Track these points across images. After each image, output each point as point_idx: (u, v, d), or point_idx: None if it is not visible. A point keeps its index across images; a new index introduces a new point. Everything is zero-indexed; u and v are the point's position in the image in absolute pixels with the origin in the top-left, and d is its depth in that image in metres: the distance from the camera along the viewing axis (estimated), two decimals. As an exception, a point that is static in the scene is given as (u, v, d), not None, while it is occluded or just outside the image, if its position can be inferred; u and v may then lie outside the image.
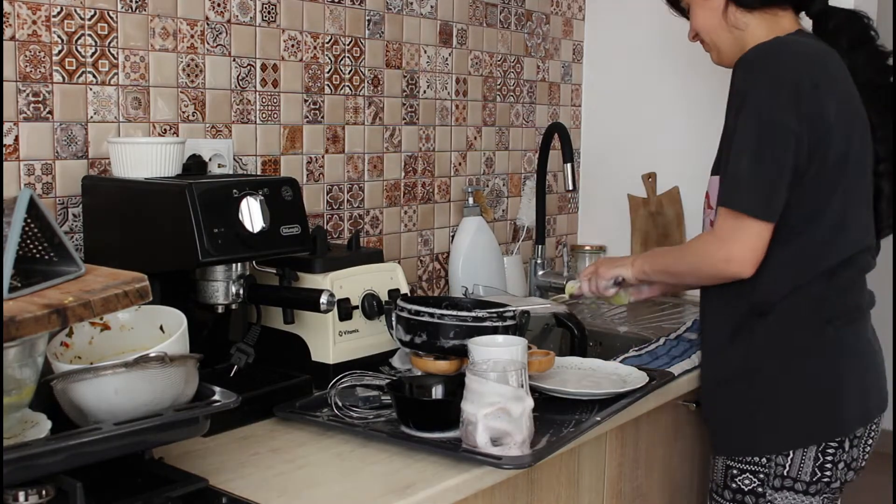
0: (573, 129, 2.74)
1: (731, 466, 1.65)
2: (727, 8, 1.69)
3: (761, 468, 1.62)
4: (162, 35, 1.70)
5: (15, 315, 0.96)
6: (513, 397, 1.27)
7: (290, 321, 1.61)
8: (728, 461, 1.66)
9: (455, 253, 2.30)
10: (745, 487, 1.63)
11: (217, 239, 1.39)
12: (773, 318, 1.60)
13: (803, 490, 1.59)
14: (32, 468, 1.01)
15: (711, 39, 1.74)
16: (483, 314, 1.56)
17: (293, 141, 1.96)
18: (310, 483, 1.25)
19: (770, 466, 1.61)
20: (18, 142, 1.53)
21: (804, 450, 1.59)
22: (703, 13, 1.73)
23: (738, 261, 1.54)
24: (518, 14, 2.54)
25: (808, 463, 1.59)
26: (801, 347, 1.60)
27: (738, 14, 1.69)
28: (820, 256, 1.58)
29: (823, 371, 1.60)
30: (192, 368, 1.21)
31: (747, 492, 1.63)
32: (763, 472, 1.62)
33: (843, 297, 1.62)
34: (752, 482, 1.62)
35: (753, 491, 1.62)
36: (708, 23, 1.73)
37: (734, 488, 1.65)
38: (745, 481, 1.63)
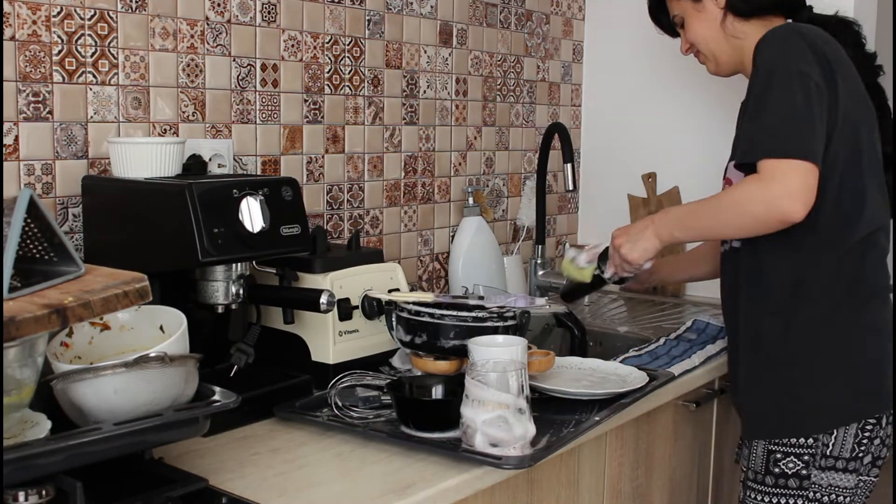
0: (573, 129, 2.74)
1: (774, 451, 1.64)
2: (725, 18, 1.72)
3: (806, 449, 1.61)
4: (162, 35, 1.70)
5: (15, 315, 0.96)
6: (512, 405, 1.27)
7: (290, 321, 1.61)
8: (770, 446, 1.64)
9: (455, 253, 2.30)
10: (790, 471, 1.62)
11: (217, 239, 1.39)
12: (811, 300, 1.61)
13: (843, 468, 1.61)
14: (32, 468, 1.01)
15: (710, 50, 1.77)
16: (483, 314, 1.56)
17: (293, 141, 1.96)
18: (310, 483, 1.25)
19: (816, 447, 1.61)
20: (18, 142, 1.53)
21: (846, 427, 1.60)
22: (700, 25, 1.75)
23: (791, 196, 1.45)
24: (518, 14, 2.54)
25: (850, 440, 1.60)
26: (841, 327, 1.61)
27: (736, 23, 1.72)
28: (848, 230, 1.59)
29: (864, 348, 1.62)
30: (192, 368, 1.21)
31: (791, 475, 1.62)
32: (808, 454, 1.61)
33: (874, 278, 1.64)
34: (797, 465, 1.62)
35: (797, 473, 1.62)
36: (706, 34, 1.75)
37: (777, 473, 1.63)
38: (790, 464, 1.63)
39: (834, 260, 1.60)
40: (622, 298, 2.58)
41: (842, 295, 1.61)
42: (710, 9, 1.74)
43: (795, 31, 1.58)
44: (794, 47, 1.54)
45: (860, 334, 1.62)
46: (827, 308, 1.61)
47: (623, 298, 2.58)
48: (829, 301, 1.61)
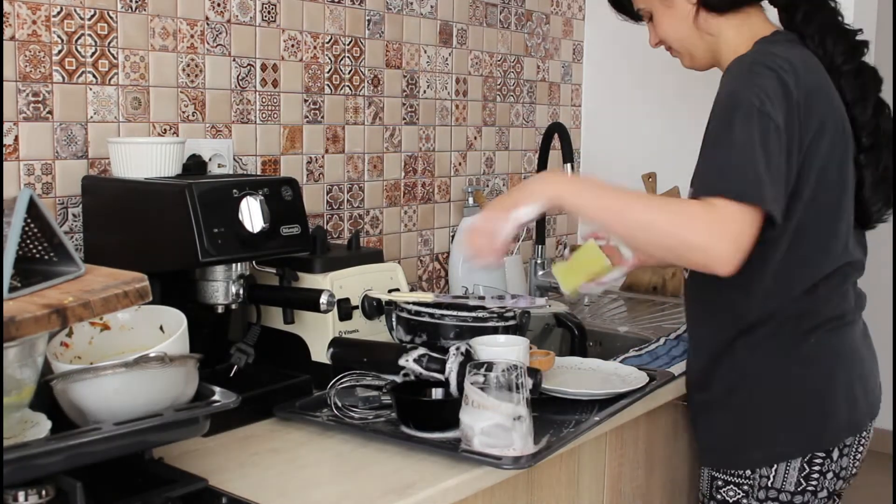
0: (573, 129, 2.74)
1: (716, 478, 1.63)
2: (698, 14, 1.62)
3: (745, 480, 1.59)
4: (162, 35, 1.70)
5: (15, 315, 0.96)
6: (512, 414, 1.27)
7: (290, 321, 1.61)
8: (713, 472, 1.64)
9: (455, 253, 2.30)
10: (730, 499, 1.61)
11: (217, 239, 1.39)
12: (754, 335, 1.56)
13: (787, 500, 1.56)
14: (32, 468, 1.01)
15: (684, 46, 1.67)
16: (484, 314, 1.56)
17: (293, 141, 1.96)
18: (310, 483, 1.25)
19: (754, 479, 1.58)
20: (18, 142, 1.53)
21: (787, 463, 1.56)
22: (670, 21, 1.65)
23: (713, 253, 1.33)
24: (518, 14, 2.54)
25: (793, 474, 1.56)
26: (783, 361, 1.56)
27: (709, 19, 1.61)
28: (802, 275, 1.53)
29: (807, 383, 1.56)
30: (192, 368, 1.21)
31: (732, 503, 1.61)
32: (747, 485, 1.59)
33: (823, 309, 1.56)
34: (737, 494, 1.60)
35: (738, 502, 1.60)
36: (678, 31, 1.65)
37: (719, 499, 1.63)
38: (730, 493, 1.61)
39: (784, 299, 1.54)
40: (622, 298, 2.58)
41: (786, 329, 1.55)
42: (679, 5, 1.62)
43: (762, 63, 1.46)
44: (760, 83, 1.43)
45: (801, 367, 1.55)
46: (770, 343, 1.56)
47: (623, 298, 2.58)
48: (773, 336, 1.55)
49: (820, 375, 1.56)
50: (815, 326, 1.55)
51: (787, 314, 1.55)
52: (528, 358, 1.49)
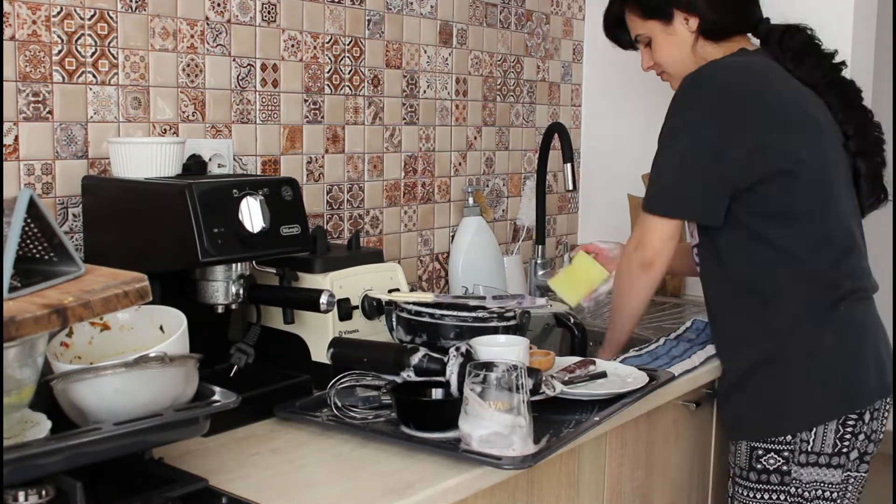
0: (573, 129, 2.74)
1: (756, 448, 1.68)
2: (696, 41, 1.78)
3: (786, 446, 1.65)
4: (162, 35, 1.70)
5: (15, 315, 0.96)
6: (511, 424, 1.27)
7: (290, 321, 1.61)
8: (752, 443, 1.69)
9: (455, 253, 2.30)
10: (771, 467, 1.67)
11: (217, 239, 1.39)
12: (786, 303, 1.66)
13: (826, 463, 1.64)
14: (32, 468, 1.01)
15: (678, 71, 1.82)
16: (484, 314, 1.56)
17: (293, 141, 1.96)
18: (310, 483, 1.25)
19: (795, 443, 1.65)
20: (18, 142, 1.53)
21: (825, 425, 1.63)
22: (669, 48, 1.81)
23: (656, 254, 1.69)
24: (518, 14, 2.54)
25: (830, 436, 1.63)
26: (817, 327, 1.65)
27: (706, 46, 1.79)
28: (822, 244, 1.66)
29: (841, 346, 1.65)
30: (192, 368, 1.21)
31: (773, 471, 1.67)
32: (788, 450, 1.65)
33: (850, 281, 1.68)
34: (778, 461, 1.66)
35: (779, 469, 1.66)
36: (676, 56, 1.81)
37: (759, 469, 1.68)
38: (770, 461, 1.67)
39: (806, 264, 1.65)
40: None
41: (817, 297, 1.65)
42: (680, 32, 1.78)
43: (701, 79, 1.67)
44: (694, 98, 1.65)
45: (833, 334, 1.65)
46: (802, 311, 1.65)
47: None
48: (805, 304, 1.65)
49: (851, 341, 1.67)
50: (841, 297, 1.66)
51: (816, 284, 1.66)
52: (528, 358, 1.49)
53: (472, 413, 1.28)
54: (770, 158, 1.63)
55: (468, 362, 1.35)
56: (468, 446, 1.29)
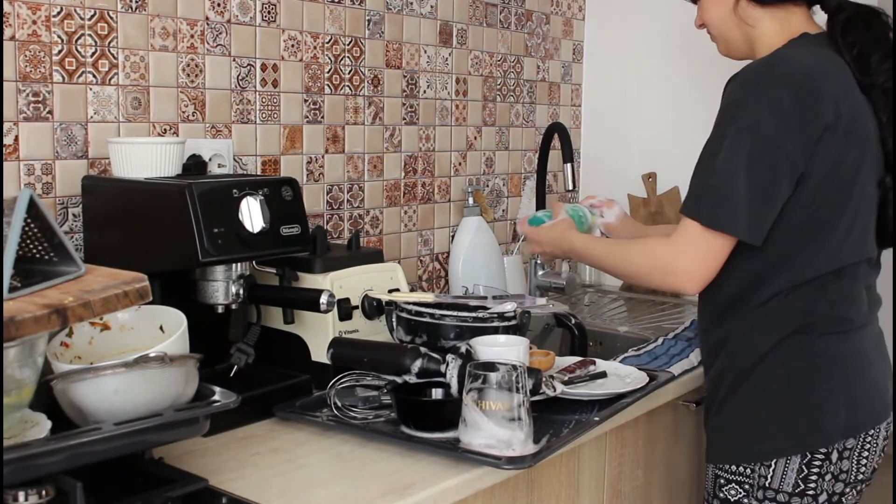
0: (573, 129, 2.74)
1: (719, 476, 1.63)
2: (738, 2, 1.62)
3: (745, 479, 1.59)
4: (162, 35, 1.70)
5: (15, 315, 0.96)
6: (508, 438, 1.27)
7: (290, 321, 1.61)
8: (716, 470, 1.64)
9: (455, 253, 2.30)
10: (731, 498, 1.61)
11: (217, 239, 1.39)
12: (755, 327, 1.57)
13: (785, 501, 1.55)
14: (32, 468, 1.01)
15: (720, 33, 1.68)
16: (484, 314, 1.56)
17: (293, 141, 1.96)
18: (310, 483, 1.25)
19: (753, 477, 1.58)
20: (18, 142, 1.53)
21: (787, 461, 1.55)
22: (713, 6, 1.66)
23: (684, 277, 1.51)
24: (518, 14, 2.54)
25: (791, 474, 1.55)
26: (782, 354, 1.55)
27: (749, 9, 1.61)
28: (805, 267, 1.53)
29: (804, 380, 1.55)
30: (192, 368, 1.21)
31: (733, 502, 1.60)
32: (748, 483, 1.59)
33: (830, 308, 1.55)
34: (738, 493, 1.60)
35: (739, 502, 1.60)
36: (718, 15, 1.66)
37: (721, 498, 1.63)
38: (731, 491, 1.61)
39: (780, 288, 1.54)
40: (622, 298, 2.58)
41: (787, 323, 1.55)
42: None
43: (769, 74, 1.49)
44: (760, 96, 1.46)
45: (800, 367, 1.55)
46: (773, 338, 1.55)
47: (623, 298, 2.58)
48: (773, 329, 1.55)
49: (817, 374, 1.55)
50: (815, 325, 1.54)
51: (789, 307, 1.54)
52: (528, 358, 1.49)
53: (472, 423, 1.28)
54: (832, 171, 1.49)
55: (468, 362, 1.35)
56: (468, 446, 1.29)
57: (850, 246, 1.54)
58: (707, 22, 1.70)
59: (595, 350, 2.14)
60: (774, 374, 1.56)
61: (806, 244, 1.52)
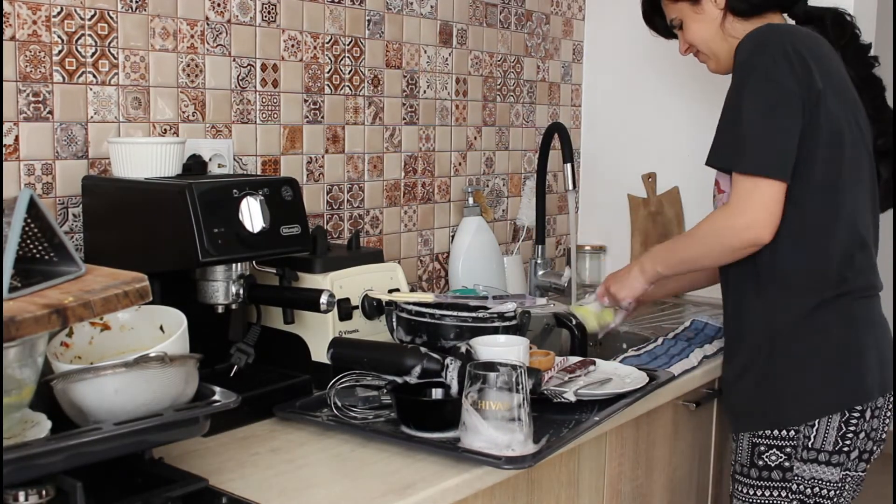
0: (573, 129, 2.74)
1: (758, 444, 1.67)
2: (724, 18, 1.75)
3: (788, 442, 1.64)
4: (162, 35, 1.70)
5: (15, 315, 0.96)
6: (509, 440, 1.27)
7: (290, 321, 1.61)
8: (754, 438, 1.68)
9: (455, 253, 2.30)
10: (772, 463, 1.65)
11: (217, 239, 1.39)
12: (792, 294, 1.64)
13: (826, 461, 1.62)
14: (32, 468, 1.01)
15: (710, 49, 1.80)
16: (484, 314, 1.56)
17: (293, 141, 1.96)
18: (310, 483, 1.25)
19: (797, 439, 1.63)
20: (18, 142, 1.53)
21: (828, 419, 1.62)
22: (699, 26, 1.78)
23: (756, 225, 1.56)
24: (518, 14, 2.54)
25: (832, 433, 1.62)
26: (820, 319, 1.63)
27: (735, 24, 1.75)
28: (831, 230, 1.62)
29: (844, 340, 1.64)
30: (192, 368, 1.21)
31: (774, 467, 1.65)
32: (790, 446, 1.64)
33: (859, 277, 1.65)
34: (779, 457, 1.65)
35: (780, 466, 1.65)
36: (706, 34, 1.78)
37: (761, 465, 1.67)
38: (772, 457, 1.65)
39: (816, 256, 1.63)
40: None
41: (823, 290, 1.63)
42: (709, 10, 1.76)
43: (772, 33, 1.62)
44: (769, 51, 1.57)
45: (840, 328, 1.64)
46: (809, 302, 1.63)
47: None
48: (811, 296, 1.63)
49: (856, 335, 1.65)
50: (849, 291, 1.64)
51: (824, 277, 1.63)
52: (528, 358, 1.49)
53: (471, 427, 1.28)
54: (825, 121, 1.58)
55: (468, 362, 1.35)
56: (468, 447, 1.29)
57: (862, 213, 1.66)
58: (694, 42, 1.81)
59: (595, 350, 2.14)
60: (814, 337, 1.64)
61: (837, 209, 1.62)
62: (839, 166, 1.61)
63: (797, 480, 1.64)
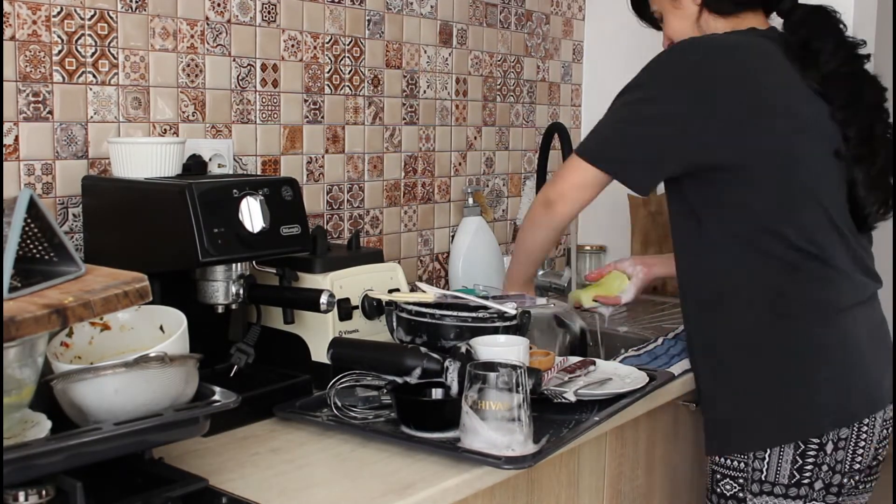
0: (573, 129, 2.74)
1: (715, 471, 1.65)
2: (700, 15, 1.73)
3: (740, 473, 1.60)
4: (162, 35, 1.70)
5: (15, 315, 0.96)
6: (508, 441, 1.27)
7: (290, 321, 1.61)
8: (713, 465, 1.65)
9: (455, 253, 2.30)
10: (727, 493, 1.62)
11: (217, 239, 1.39)
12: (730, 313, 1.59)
13: (783, 493, 1.56)
14: (32, 468, 1.01)
15: None
16: (484, 314, 1.56)
17: (293, 141, 1.96)
18: (310, 483, 1.25)
19: (747, 471, 1.59)
20: (18, 142, 1.53)
21: (780, 452, 1.55)
22: (676, 21, 1.76)
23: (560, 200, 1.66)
24: (518, 14, 2.54)
25: (786, 465, 1.55)
26: (761, 343, 1.56)
27: (710, 20, 1.72)
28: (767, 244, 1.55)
29: (790, 369, 1.55)
30: (192, 368, 1.21)
31: (729, 497, 1.62)
32: (742, 477, 1.60)
33: (807, 293, 1.55)
34: (733, 487, 1.61)
35: (735, 496, 1.61)
36: (682, 28, 1.75)
37: (718, 493, 1.64)
38: (727, 486, 1.62)
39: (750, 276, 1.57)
40: (622, 298, 2.57)
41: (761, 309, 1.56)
42: (686, 5, 1.73)
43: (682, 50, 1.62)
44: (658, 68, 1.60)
45: (790, 351, 1.55)
46: (747, 324, 1.57)
47: (623, 298, 2.57)
48: (749, 317, 1.57)
49: (802, 363, 1.55)
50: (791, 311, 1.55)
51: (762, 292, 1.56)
52: (528, 358, 1.49)
53: (471, 428, 1.28)
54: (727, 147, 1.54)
55: (468, 362, 1.35)
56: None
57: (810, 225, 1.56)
58: (672, 37, 1.79)
59: (595, 350, 2.14)
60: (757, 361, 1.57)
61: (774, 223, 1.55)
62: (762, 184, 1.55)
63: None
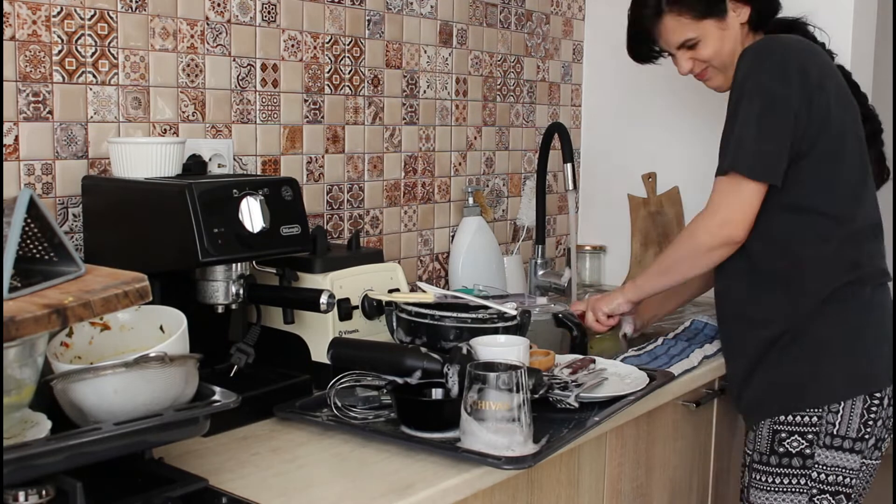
0: (573, 129, 2.74)
1: (779, 431, 1.68)
2: (742, 32, 1.80)
3: (810, 428, 1.65)
4: (162, 35, 1.70)
5: (15, 315, 0.96)
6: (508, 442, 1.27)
7: (290, 321, 1.61)
8: (775, 426, 1.68)
9: (455, 253, 2.30)
10: (793, 450, 1.66)
11: (217, 239, 1.39)
12: (808, 279, 1.66)
13: (849, 448, 1.63)
14: (32, 468, 1.01)
15: (724, 64, 1.80)
16: (484, 315, 1.56)
17: (293, 141, 1.96)
18: (310, 483, 1.25)
19: (820, 425, 1.64)
20: (18, 142, 1.53)
21: (852, 404, 1.63)
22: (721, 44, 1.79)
23: (729, 223, 1.61)
24: (518, 14, 2.54)
25: (855, 419, 1.63)
26: (841, 305, 1.65)
27: (749, 36, 1.80)
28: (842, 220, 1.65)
29: (863, 327, 1.66)
30: (192, 368, 1.21)
31: (795, 454, 1.66)
32: (812, 432, 1.65)
33: (873, 263, 1.69)
34: (801, 443, 1.65)
35: (801, 453, 1.65)
36: (728, 50, 1.79)
37: (781, 452, 1.67)
38: (794, 443, 1.66)
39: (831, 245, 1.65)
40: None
41: (841, 275, 1.65)
42: (733, 24, 1.79)
43: (770, 44, 1.67)
44: (765, 61, 1.62)
45: (856, 313, 1.66)
46: (826, 289, 1.65)
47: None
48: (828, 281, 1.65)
49: (875, 320, 1.68)
50: (866, 277, 1.68)
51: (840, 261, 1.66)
52: (528, 358, 1.49)
53: (469, 432, 1.28)
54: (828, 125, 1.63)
55: (468, 362, 1.35)
56: (468, 446, 1.29)
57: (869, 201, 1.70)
58: (712, 59, 1.81)
59: (595, 350, 2.14)
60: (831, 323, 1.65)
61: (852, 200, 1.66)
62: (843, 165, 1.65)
63: (817, 468, 1.65)
